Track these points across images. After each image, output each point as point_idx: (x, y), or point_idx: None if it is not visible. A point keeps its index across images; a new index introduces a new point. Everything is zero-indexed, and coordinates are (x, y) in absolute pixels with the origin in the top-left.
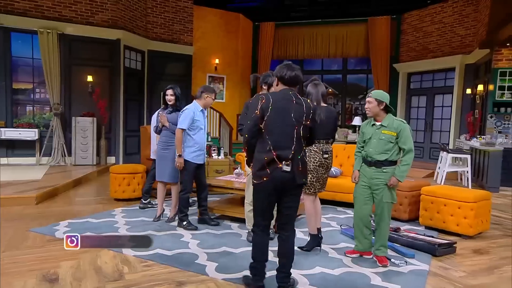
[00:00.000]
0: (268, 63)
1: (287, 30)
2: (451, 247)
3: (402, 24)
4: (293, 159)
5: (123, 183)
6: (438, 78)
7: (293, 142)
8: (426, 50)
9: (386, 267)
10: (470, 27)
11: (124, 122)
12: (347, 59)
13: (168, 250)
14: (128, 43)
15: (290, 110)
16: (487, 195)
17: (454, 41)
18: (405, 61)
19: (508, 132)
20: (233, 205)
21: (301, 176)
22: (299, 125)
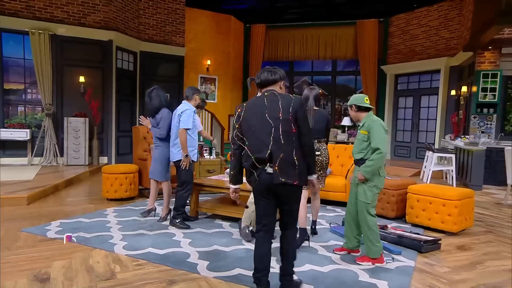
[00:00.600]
0: (259, 64)
1: (278, 32)
2: (436, 243)
3: (390, 27)
4: (272, 159)
5: (115, 183)
6: (424, 80)
7: (270, 141)
8: (412, 53)
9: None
10: (455, 31)
11: (116, 123)
12: (336, 61)
13: (160, 249)
14: (120, 44)
15: (263, 110)
16: (470, 193)
17: (440, 44)
18: (393, 63)
19: (491, 132)
20: (224, 204)
21: (286, 176)
22: (277, 122)
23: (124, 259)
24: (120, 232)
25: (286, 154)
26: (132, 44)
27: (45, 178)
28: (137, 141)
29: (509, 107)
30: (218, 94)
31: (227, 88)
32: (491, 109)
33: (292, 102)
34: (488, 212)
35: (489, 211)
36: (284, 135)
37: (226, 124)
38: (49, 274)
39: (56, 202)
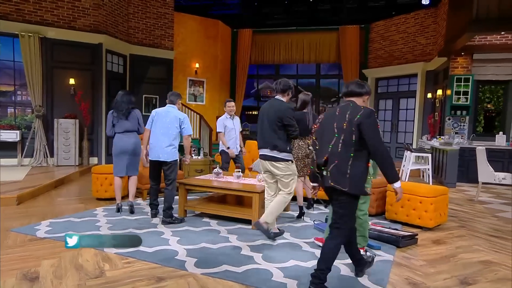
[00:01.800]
0: (246, 67)
1: (264, 36)
2: (413, 238)
3: (370, 33)
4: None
5: (105, 183)
6: (402, 83)
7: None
8: (391, 57)
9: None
10: (430, 37)
11: (106, 124)
12: (320, 64)
13: (149, 247)
14: (110, 47)
15: (333, 119)
16: (445, 190)
17: (417, 50)
18: (373, 67)
19: (464, 133)
20: (212, 203)
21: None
22: (340, 131)
23: (113, 257)
24: (109, 231)
25: (340, 162)
26: (122, 47)
27: (35, 179)
28: None
29: (480, 109)
30: (206, 96)
31: (215, 90)
32: (464, 111)
33: (359, 113)
34: (461, 208)
35: (462, 207)
36: (343, 144)
37: (214, 125)
38: (38, 273)
39: (46, 202)
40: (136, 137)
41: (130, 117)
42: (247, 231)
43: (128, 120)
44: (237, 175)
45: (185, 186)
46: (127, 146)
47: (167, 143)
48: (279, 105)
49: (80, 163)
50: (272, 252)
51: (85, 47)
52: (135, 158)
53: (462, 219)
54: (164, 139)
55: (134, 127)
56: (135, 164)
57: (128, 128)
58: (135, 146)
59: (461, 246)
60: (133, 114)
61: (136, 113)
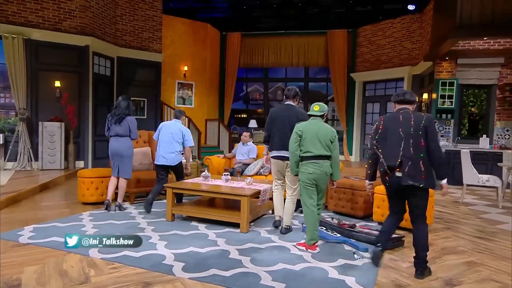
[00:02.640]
0: (235, 70)
1: (253, 40)
2: (400, 240)
3: (358, 37)
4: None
5: (91, 187)
6: (389, 87)
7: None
8: (379, 61)
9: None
10: (416, 42)
11: (93, 127)
12: (308, 68)
13: (136, 252)
14: (97, 50)
15: (397, 125)
16: (431, 193)
17: (403, 54)
18: (361, 71)
19: (449, 136)
20: (200, 207)
21: (413, 179)
22: (407, 136)
23: (99, 262)
24: None
25: (414, 162)
26: (109, 49)
27: (19, 183)
28: None
29: (464, 113)
30: (195, 99)
31: (203, 94)
32: (449, 114)
33: (423, 119)
34: (446, 210)
35: (447, 209)
36: (414, 147)
37: (203, 129)
38: (20, 280)
39: (29, 207)
40: (126, 142)
41: (123, 123)
42: (236, 235)
43: (120, 125)
44: (225, 178)
45: (173, 189)
46: (117, 149)
47: (171, 150)
48: (297, 111)
49: (65, 167)
50: (260, 256)
51: (71, 49)
52: (125, 161)
53: (448, 221)
54: (169, 147)
55: (125, 133)
56: (125, 167)
57: (119, 132)
58: (124, 150)
59: (446, 247)
60: (125, 121)
61: (128, 120)
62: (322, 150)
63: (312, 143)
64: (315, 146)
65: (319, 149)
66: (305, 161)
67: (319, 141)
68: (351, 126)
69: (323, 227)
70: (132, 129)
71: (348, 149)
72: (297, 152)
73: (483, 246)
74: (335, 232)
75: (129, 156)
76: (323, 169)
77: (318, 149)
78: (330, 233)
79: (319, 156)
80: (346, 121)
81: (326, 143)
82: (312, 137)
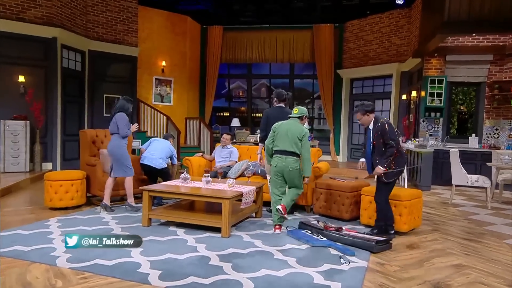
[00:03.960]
0: (216, 66)
1: (236, 34)
2: (388, 243)
3: (345, 32)
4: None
5: (60, 190)
6: (377, 84)
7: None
8: (366, 58)
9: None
10: (404, 37)
11: (62, 126)
12: (294, 64)
13: (108, 260)
14: (66, 42)
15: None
16: (419, 194)
17: (391, 50)
18: (348, 67)
19: (438, 135)
20: (179, 211)
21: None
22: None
23: (67, 272)
24: (64, 244)
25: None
26: (80, 42)
27: None
28: (85, 146)
29: (454, 111)
30: (174, 96)
31: (183, 90)
32: (437, 113)
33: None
34: (435, 211)
35: (435, 210)
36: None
37: (182, 128)
38: None
39: None
40: (114, 139)
41: (113, 120)
42: (217, 240)
43: (111, 123)
44: (206, 180)
45: (149, 192)
46: (109, 147)
47: (157, 156)
48: (288, 111)
49: (31, 169)
50: (242, 262)
51: (37, 41)
52: (114, 160)
53: (436, 223)
54: (155, 152)
55: (114, 130)
56: (116, 165)
57: (110, 130)
58: (110, 148)
59: (434, 250)
60: (114, 118)
61: (116, 116)
62: (288, 146)
63: (281, 139)
64: (283, 142)
65: (286, 145)
66: (274, 155)
67: (287, 138)
68: (338, 125)
69: (308, 230)
70: (119, 125)
71: (335, 148)
72: (270, 146)
73: (471, 248)
74: (320, 236)
75: (115, 154)
76: (286, 163)
77: (284, 145)
78: (316, 236)
79: (284, 151)
80: (333, 119)
81: (294, 141)
82: (282, 134)
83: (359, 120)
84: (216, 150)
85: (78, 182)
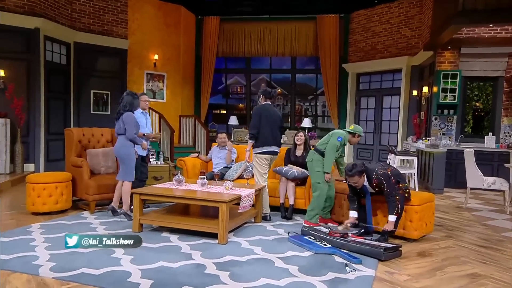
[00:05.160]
0: (213, 60)
1: (233, 25)
2: (397, 251)
3: (351, 23)
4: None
5: (43, 194)
6: (386, 79)
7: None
8: (374, 51)
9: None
10: (415, 29)
11: (45, 124)
12: (296, 58)
13: (96, 269)
14: (50, 34)
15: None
16: (431, 197)
17: (401, 42)
18: (354, 61)
19: (451, 134)
20: (173, 215)
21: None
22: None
23: (50, 282)
24: (47, 252)
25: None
26: (65, 34)
27: None
28: (71, 146)
29: (468, 108)
30: (167, 92)
31: (177, 86)
32: (451, 110)
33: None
34: (448, 216)
35: (449, 215)
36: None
37: (176, 126)
38: None
39: None
40: (120, 141)
41: (120, 120)
42: (213, 247)
43: (117, 122)
44: (201, 182)
45: (140, 195)
46: (115, 149)
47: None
48: (277, 110)
49: (12, 170)
50: (240, 270)
51: (18, 32)
52: (120, 162)
53: (449, 228)
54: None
55: (120, 130)
56: (122, 168)
57: (117, 130)
58: (116, 150)
59: (447, 258)
60: (121, 117)
61: (123, 116)
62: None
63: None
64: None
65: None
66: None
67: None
68: (344, 123)
69: (311, 236)
70: (126, 125)
71: None
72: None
73: (488, 256)
74: (324, 242)
75: (121, 156)
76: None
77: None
78: (319, 243)
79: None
80: (338, 117)
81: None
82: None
83: (356, 183)
84: (213, 151)
85: (63, 184)
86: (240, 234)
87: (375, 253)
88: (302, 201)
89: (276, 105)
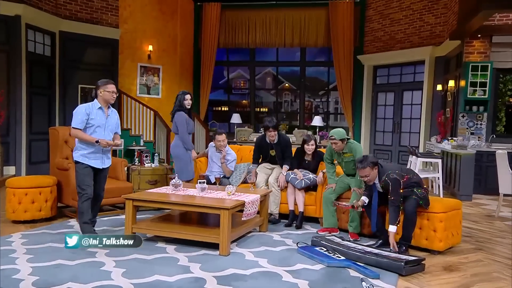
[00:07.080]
0: (213, 51)
1: (236, 13)
2: (420, 264)
3: (367, 10)
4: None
5: (25, 200)
6: (406, 73)
7: None
8: (393, 41)
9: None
10: (440, 15)
11: (28, 123)
12: (305, 49)
13: (83, 283)
14: (32, 22)
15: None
16: (458, 205)
17: (423, 31)
18: (371, 52)
19: (481, 134)
20: (169, 223)
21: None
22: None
23: None
24: (29, 264)
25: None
26: (49, 22)
27: None
28: (56, 146)
29: (501, 104)
30: (163, 87)
31: (173, 80)
32: (481, 107)
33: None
34: (478, 226)
35: (478, 225)
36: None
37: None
38: None
39: None
40: (174, 140)
41: (173, 120)
42: (214, 259)
43: (172, 122)
44: (201, 187)
45: (133, 201)
46: (171, 148)
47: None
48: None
49: None
50: (244, 284)
51: None
52: (176, 161)
53: (479, 240)
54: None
55: (175, 130)
56: (176, 168)
57: (173, 130)
58: (172, 148)
59: (477, 273)
60: (174, 117)
61: (175, 116)
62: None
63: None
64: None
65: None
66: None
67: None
68: (358, 122)
69: (322, 247)
70: (178, 127)
71: None
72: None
73: None
74: (338, 254)
75: (174, 154)
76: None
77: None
78: (332, 255)
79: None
80: (352, 115)
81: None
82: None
83: (368, 177)
84: (210, 152)
85: (48, 189)
86: (243, 245)
87: (395, 266)
88: (313, 208)
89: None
